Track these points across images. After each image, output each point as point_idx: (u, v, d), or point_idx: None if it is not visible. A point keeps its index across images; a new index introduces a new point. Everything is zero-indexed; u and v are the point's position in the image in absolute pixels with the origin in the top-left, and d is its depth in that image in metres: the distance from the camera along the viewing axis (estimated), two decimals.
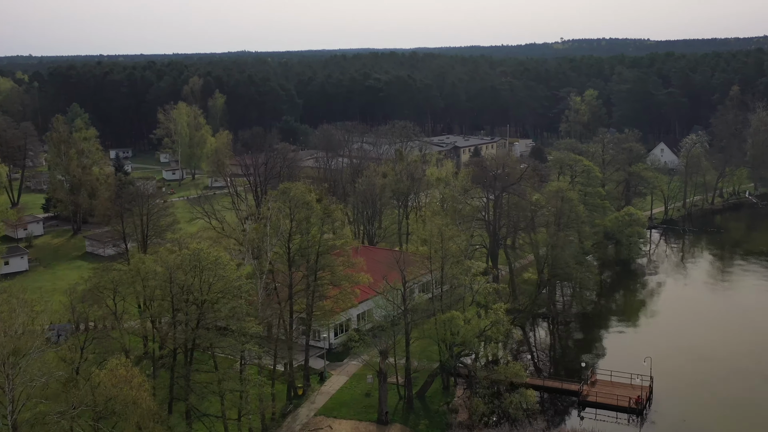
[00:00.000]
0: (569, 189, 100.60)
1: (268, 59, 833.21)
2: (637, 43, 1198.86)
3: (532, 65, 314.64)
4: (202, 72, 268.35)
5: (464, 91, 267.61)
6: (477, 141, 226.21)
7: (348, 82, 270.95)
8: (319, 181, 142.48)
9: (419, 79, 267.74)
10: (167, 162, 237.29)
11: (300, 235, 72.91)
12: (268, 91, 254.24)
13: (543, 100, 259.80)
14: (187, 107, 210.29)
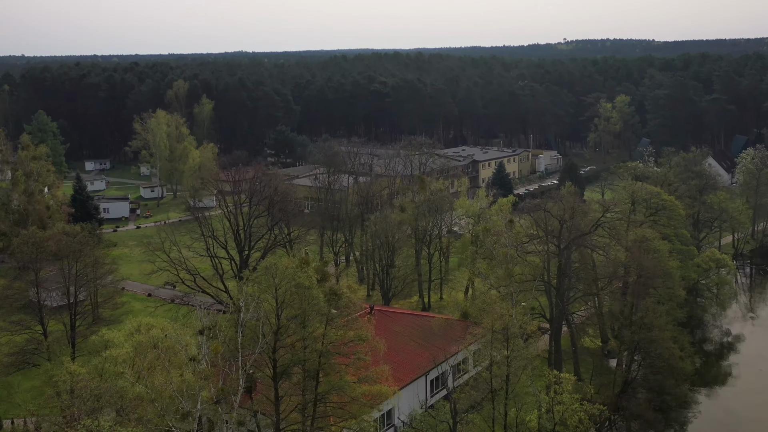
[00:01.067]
0: (656, 237, 74.99)
1: (264, 59, 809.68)
2: (643, 44, 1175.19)
3: (551, 67, 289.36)
4: (189, 75, 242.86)
5: (479, 96, 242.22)
6: (497, 154, 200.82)
7: (350, 86, 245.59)
8: (319, 216, 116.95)
9: (430, 83, 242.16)
10: (148, 176, 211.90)
11: (291, 334, 47.33)
12: (262, 97, 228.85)
13: (568, 107, 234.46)
14: (168, 116, 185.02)
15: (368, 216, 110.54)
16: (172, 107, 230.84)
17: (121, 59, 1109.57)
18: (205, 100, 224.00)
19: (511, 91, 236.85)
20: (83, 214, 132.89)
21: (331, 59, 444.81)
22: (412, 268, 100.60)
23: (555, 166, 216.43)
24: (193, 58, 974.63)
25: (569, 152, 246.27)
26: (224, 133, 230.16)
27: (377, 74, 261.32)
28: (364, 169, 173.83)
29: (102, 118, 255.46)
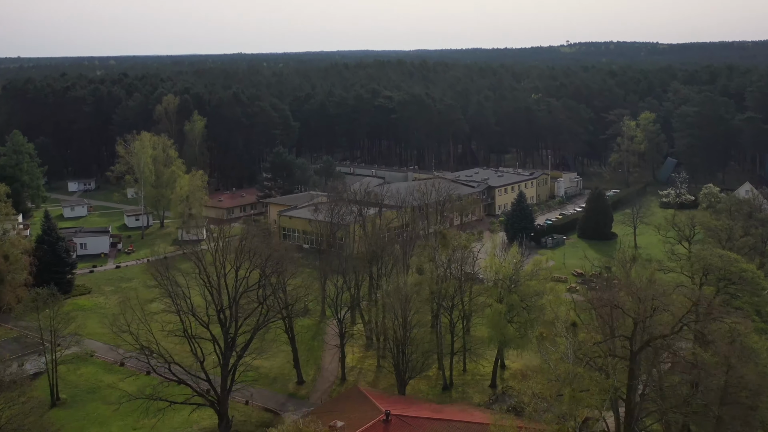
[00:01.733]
0: (748, 330, 59.19)
1: (263, 64, 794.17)
2: (648, 46, 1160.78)
3: (566, 79, 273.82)
4: (179, 89, 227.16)
5: (491, 111, 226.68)
6: (513, 178, 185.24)
7: (353, 101, 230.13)
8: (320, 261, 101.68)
9: (438, 97, 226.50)
10: (135, 198, 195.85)
11: None
12: (258, 112, 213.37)
13: (587, 123, 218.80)
14: (154, 137, 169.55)
15: (377, 264, 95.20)
16: (161, 124, 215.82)
17: (118, 60, 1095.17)
18: (197, 116, 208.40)
19: (525, 107, 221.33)
20: (52, 258, 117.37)
21: (332, 66, 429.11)
22: (429, 336, 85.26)
23: (575, 189, 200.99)
24: (190, 60, 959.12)
25: (587, 171, 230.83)
26: (217, 152, 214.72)
27: (381, 87, 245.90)
28: (370, 199, 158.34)
29: (87, 133, 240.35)
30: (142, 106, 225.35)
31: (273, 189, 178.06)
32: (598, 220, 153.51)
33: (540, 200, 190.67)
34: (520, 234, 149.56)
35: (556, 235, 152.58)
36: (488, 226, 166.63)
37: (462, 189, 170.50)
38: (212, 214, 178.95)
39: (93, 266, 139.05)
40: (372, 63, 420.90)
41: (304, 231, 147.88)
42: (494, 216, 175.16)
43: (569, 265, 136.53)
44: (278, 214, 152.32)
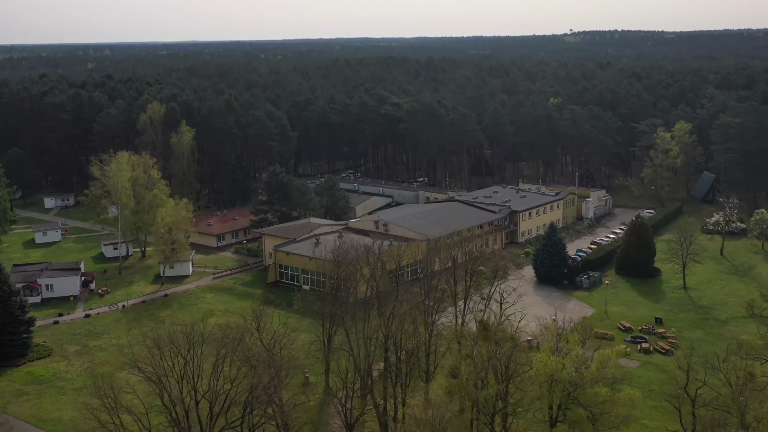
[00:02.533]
0: None
1: (260, 55, 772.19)
2: (655, 36, 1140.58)
3: (586, 80, 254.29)
4: (166, 95, 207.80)
5: (509, 119, 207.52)
6: (538, 199, 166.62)
7: (357, 108, 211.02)
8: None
9: (451, 105, 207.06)
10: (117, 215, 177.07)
11: None
12: (253, 122, 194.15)
13: (614, 133, 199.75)
14: (133, 157, 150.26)
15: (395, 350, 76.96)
16: (145, 135, 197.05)
17: (113, 49, 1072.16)
18: (185, 127, 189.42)
19: (546, 115, 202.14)
20: (4, 318, 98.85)
21: (333, 63, 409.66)
22: None
23: (604, 209, 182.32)
24: (186, 49, 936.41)
25: (612, 185, 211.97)
26: (208, 167, 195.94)
27: (387, 91, 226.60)
28: (377, 228, 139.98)
29: (66, 143, 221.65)
30: (125, 114, 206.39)
31: (268, 212, 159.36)
32: (639, 255, 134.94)
33: (567, 223, 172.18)
34: (551, 273, 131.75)
35: (592, 273, 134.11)
36: (512, 258, 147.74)
37: (481, 215, 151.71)
38: (200, 240, 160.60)
39: (59, 315, 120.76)
40: (375, 60, 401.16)
41: (303, 270, 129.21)
42: (517, 244, 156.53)
43: (613, 315, 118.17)
44: (274, 249, 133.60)
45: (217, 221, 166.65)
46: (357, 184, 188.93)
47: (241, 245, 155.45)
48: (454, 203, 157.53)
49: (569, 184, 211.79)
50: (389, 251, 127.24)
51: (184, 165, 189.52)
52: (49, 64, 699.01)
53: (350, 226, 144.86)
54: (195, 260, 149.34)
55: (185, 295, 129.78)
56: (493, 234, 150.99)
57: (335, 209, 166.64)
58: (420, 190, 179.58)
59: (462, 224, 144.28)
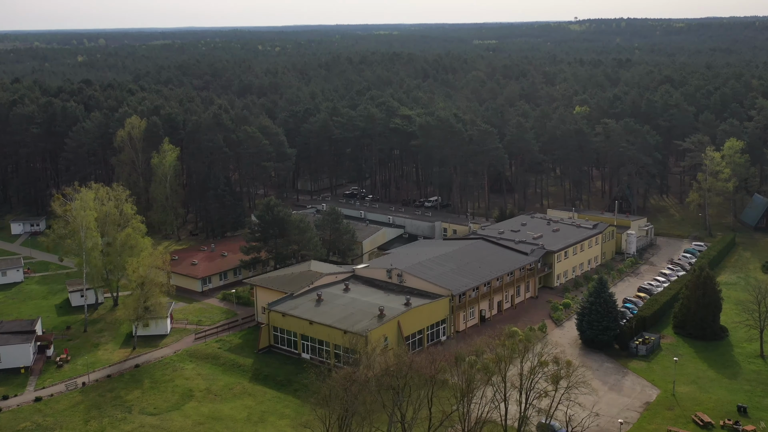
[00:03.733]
0: None
1: (258, 47, 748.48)
2: (663, 24, 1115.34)
3: (608, 82, 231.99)
4: (147, 108, 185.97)
5: (534, 133, 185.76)
6: (574, 234, 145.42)
7: (362, 121, 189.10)
8: None
9: (470, 118, 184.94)
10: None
11: None
12: (245, 139, 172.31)
13: (653, 150, 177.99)
14: (102, 189, 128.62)
15: None
16: (123, 153, 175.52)
17: (108, 36, 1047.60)
18: (168, 146, 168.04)
19: (577, 129, 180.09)
20: None
21: (334, 61, 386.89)
22: None
23: (645, 240, 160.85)
24: (183, 37, 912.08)
25: (648, 207, 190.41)
26: (194, 191, 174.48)
27: (396, 102, 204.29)
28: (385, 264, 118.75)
29: (37, 160, 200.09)
30: (101, 128, 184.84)
31: (262, 249, 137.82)
32: (705, 314, 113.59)
33: (605, 259, 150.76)
34: (600, 337, 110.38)
35: (648, 335, 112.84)
36: (547, 310, 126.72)
37: (511, 257, 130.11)
38: (182, 283, 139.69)
39: (3, 397, 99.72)
40: (379, 58, 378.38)
41: (303, 335, 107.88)
42: (552, 289, 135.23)
43: (682, 398, 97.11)
44: (268, 307, 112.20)
45: (203, 259, 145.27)
46: (363, 211, 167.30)
47: (230, 293, 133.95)
48: (479, 242, 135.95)
49: (600, 207, 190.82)
50: (406, 316, 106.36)
51: (167, 189, 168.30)
52: (38, 57, 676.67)
53: (357, 274, 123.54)
54: (176, 310, 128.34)
55: (160, 365, 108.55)
56: (525, 280, 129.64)
57: (339, 245, 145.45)
58: (436, 221, 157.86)
59: (490, 272, 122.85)
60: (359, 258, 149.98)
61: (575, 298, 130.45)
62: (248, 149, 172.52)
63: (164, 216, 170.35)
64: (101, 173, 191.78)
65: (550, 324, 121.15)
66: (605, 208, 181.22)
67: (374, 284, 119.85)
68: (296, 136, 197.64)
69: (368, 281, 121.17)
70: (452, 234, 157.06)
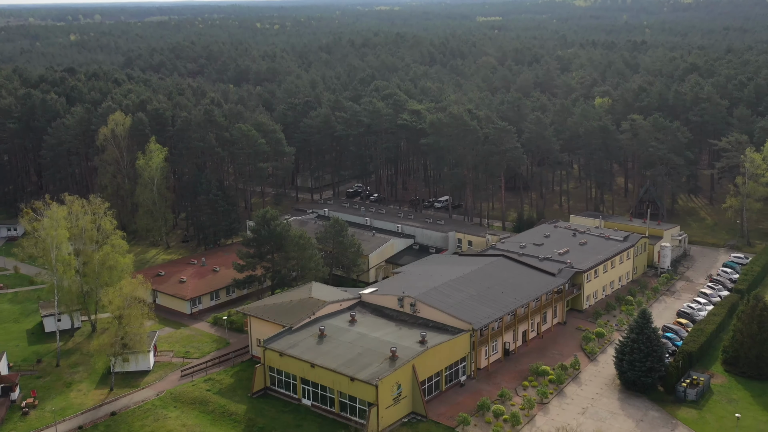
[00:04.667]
0: None
1: (256, 24, 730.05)
2: (671, 1, 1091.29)
3: (626, 68, 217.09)
4: (133, 102, 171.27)
5: (554, 131, 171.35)
6: (603, 248, 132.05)
7: (369, 117, 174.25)
8: None
9: (485, 113, 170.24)
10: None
11: None
12: (240, 138, 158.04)
13: (684, 149, 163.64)
14: (77, 202, 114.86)
15: None
16: (106, 153, 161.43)
17: (104, 12, 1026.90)
18: (155, 145, 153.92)
19: (602, 126, 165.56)
20: None
21: (335, 43, 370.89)
22: None
23: (678, 251, 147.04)
24: (182, 10, 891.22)
25: (676, 209, 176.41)
26: (184, 196, 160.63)
27: (403, 95, 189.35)
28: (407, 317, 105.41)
29: (14, 157, 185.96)
30: (83, 123, 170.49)
31: (258, 264, 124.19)
32: (760, 350, 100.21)
33: (636, 274, 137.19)
34: (643, 379, 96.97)
35: (696, 375, 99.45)
36: (578, 339, 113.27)
37: (537, 279, 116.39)
38: (169, 304, 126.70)
39: None
40: (383, 41, 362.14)
41: (304, 378, 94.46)
42: (581, 313, 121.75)
43: None
44: (263, 345, 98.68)
45: (192, 276, 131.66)
46: (369, 218, 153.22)
47: (222, 317, 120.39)
48: (500, 261, 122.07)
49: (624, 208, 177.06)
50: (422, 358, 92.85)
51: (154, 193, 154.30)
52: (29, 36, 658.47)
53: (365, 300, 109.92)
54: (161, 338, 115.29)
55: (140, 412, 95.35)
56: (552, 305, 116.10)
57: (343, 260, 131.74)
58: (450, 231, 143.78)
59: (514, 298, 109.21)
60: (365, 273, 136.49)
61: (607, 324, 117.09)
62: (243, 149, 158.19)
63: (151, 222, 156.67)
64: (83, 174, 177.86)
65: (583, 358, 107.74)
66: (631, 213, 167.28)
67: (384, 314, 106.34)
68: (295, 132, 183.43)
69: (377, 310, 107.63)
70: (467, 246, 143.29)
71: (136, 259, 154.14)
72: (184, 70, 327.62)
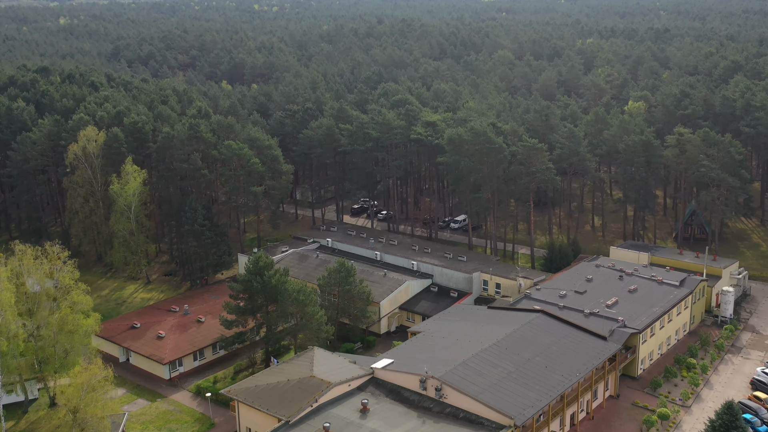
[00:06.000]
0: None
1: (254, 5, 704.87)
2: None
3: (655, 62, 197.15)
4: (109, 114, 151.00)
5: (589, 145, 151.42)
6: (655, 296, 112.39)
7: (377, 130, 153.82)
8: None
9: (511, 127, 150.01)
10: None
11: None
12: (230, 157, 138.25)
13: (739, 167, 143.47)
14: (29, 253, 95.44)
15: None
16: (78, 173, 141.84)
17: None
18: (131, 167, 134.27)
19: (644, 142, 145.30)
20: None
21: (337, 31, 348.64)
22: None
23: (738, 292, 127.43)
24: (173, 4, 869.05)
25: (726, 235, 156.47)
26: (166, 224, 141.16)
27: (415, 102, 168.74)
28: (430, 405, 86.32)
29: None
30: (52, 137, 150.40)
31: (250, 315, 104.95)
32: None
33: (693, 323, 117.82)
34: None
35: None
36: (636, 422, 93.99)
37: (585, 346, 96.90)
38: (145, 366, 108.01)
39: None
40: (388, 31, 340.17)
41: None
42: (635, 380, 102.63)
43: None
44: None
45: (173, 329, 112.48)
46: (379, 252, 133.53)
47: (206, 387, 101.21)
48: (539, 320, 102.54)
49: (666, 234, 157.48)
50: None
51: (132, 223, 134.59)
52: (17, 19, 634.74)
53: (378, 377, 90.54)
54: (132, 415, 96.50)
55: None
56: (604, 377, 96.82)
57: (351, 310, 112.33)
58: (474, 271, 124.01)
59: (561, 376, 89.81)
60: (376, 323, 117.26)
61: (669, 396, 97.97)
62: (233, 170, 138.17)
63: (128, 255, 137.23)
64: (53, 196, 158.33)
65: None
66: (675, 237, 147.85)
67: (402, 397, 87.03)
68: (294, 144, 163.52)
69: (394, 391, 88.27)
70: (495, 290, 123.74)
71: (111, 297, 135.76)
72: (175, 63, 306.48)
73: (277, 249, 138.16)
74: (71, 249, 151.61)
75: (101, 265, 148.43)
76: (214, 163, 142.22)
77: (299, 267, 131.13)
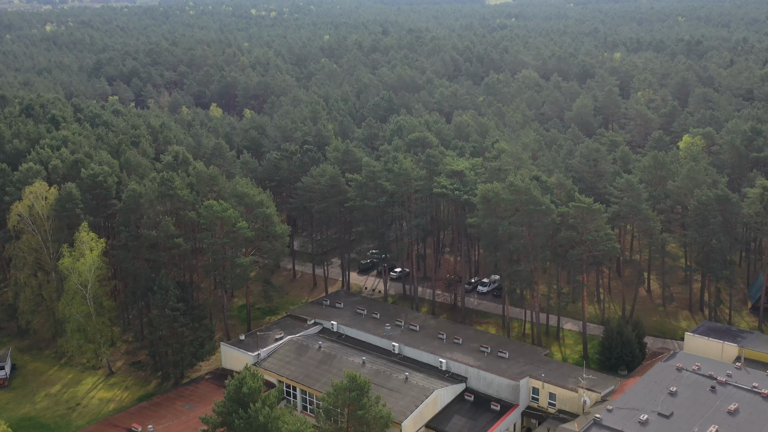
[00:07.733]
0: None
1: (251, 9, 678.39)
2: None
3: (699, 83, 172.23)
4: (65, 163, 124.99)
5: (648, 195, 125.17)
6: (764, 419, 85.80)
7: (393, 182, 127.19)
8: None
9: (557, 177, 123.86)
10: None
11: None
12: (212, 222, 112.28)
13: None
14: None
15: None
16: (23, 240, 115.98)
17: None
18: (87, 235, 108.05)
19: (720, 197, 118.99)
20: None
21: (339, 44, 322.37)
22: None
23: None
24: (168, 5, 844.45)
25: None
26: (130, 308, 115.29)
27: (438, 147, 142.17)
28: None
29: None
30: None
31: None
32: None
33: None
34: None
35: None
36: None
37: None
38: None
39: None
40: (396, 43, 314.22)
41: None
42: None
43: None
44: None
45: None
46: (397, 343, 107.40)
47: None
48: None
49: (739, 302, 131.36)
50: None
51: (88, 304, 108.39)
52: (1, 26, 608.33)
53: None
54: None
55: None
56: None
57: None
58: (522, 376, 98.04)
59: None
60: None
61: None
62: (216, 238, 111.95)
63: (84, 344, 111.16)
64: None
65: None
66: (761, 319, 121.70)
67: None
68: (291, 193, 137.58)
69: None
70: (548, 401, 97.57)
71: (63, 398, 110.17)
72: (160, 80, 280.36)
73: (270, 336, 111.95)
74: (19, 327, 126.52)
75: (55, 349, 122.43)
76: (191, 228, 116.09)
77: (297, 364, 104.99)
